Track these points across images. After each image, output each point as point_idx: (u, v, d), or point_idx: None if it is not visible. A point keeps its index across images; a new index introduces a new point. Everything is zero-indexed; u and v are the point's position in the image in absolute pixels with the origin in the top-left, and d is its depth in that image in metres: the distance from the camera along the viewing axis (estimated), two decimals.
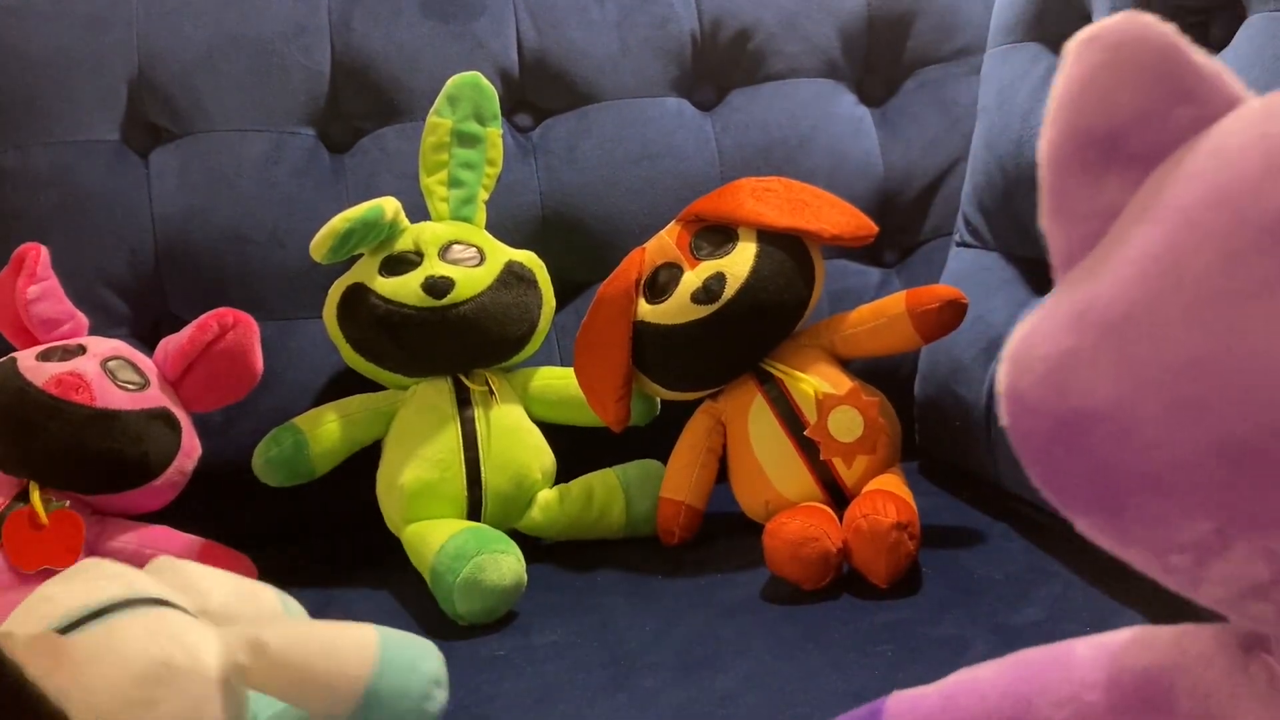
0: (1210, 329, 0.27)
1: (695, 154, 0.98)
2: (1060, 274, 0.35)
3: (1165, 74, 0.32)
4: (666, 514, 0.83)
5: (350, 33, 0.97)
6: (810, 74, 1.01)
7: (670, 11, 1.00)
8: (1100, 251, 0.32)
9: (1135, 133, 0.33)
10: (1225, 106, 0.32)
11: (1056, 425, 0.31)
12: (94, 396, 0.77)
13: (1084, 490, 0.31)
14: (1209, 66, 0.33)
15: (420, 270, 0.84)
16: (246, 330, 0.82)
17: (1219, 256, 0.28)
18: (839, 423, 0.78)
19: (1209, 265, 0.28)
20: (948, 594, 0.70)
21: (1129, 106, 0.33)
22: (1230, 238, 0.28)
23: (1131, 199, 0.33)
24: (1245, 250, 0.27)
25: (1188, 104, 0.32)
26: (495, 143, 0.89)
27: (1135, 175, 0.33)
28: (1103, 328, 0.30)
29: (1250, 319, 0.27)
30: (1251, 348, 0.27)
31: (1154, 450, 0.28)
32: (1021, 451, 0.33)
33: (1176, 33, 0.33)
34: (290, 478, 0.86)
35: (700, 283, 0.79)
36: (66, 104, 0.92)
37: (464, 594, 0.72)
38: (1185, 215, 0.29)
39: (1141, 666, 0.38)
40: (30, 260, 0.80)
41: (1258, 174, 0.28)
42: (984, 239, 0.92)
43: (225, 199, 0.93)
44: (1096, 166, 0.34)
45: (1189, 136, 0.32)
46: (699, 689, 0.62)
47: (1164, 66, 0.32)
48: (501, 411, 0.86)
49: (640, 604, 0.74)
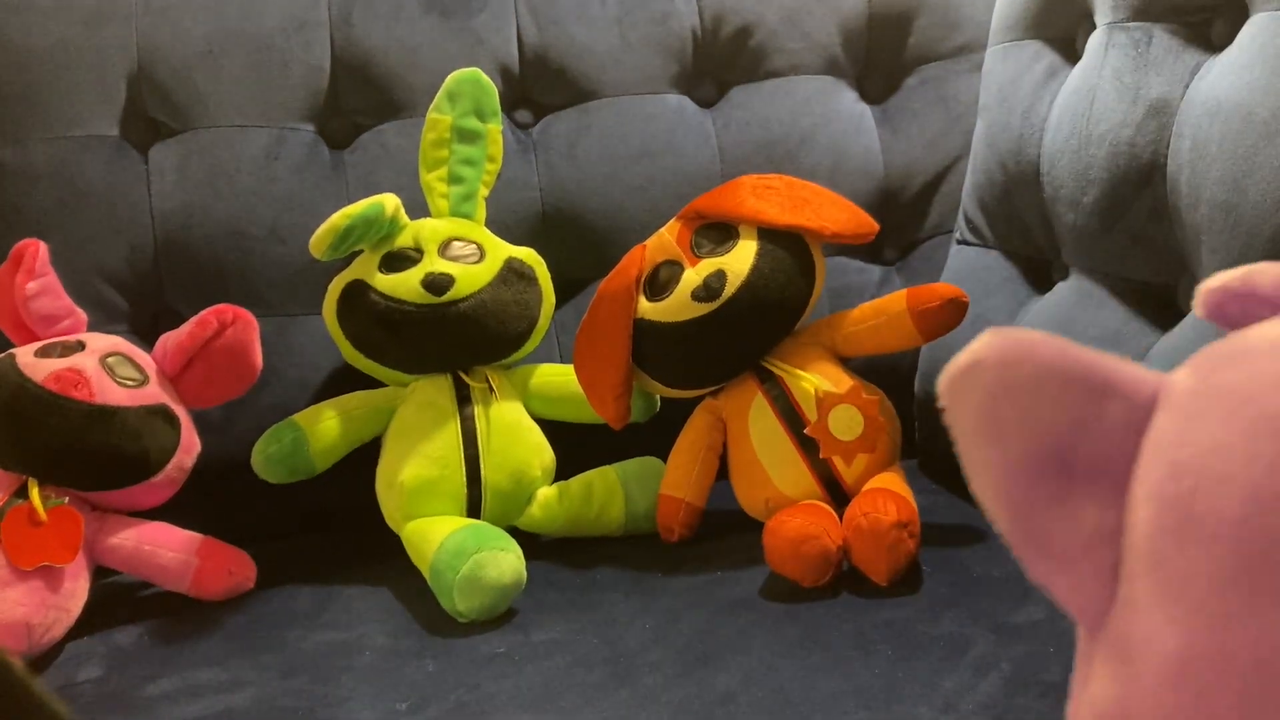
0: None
1: (696, 151, 0.98)
2: (1091, 629, 0.31)
3: (1075, 376, 0.30)
4: (666, 511, 0.83)
5: (350, 28, 0.96)
6: (811, 71, 1.01)
7: (671, 8, 1.00)
8: (1148, 587, 0.29)
9: (1079, 444, 0.30)
10: (1148, 392, 0.30)
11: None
12: (93, 393, 0.76)
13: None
14: (1105, 358, 0.30)
15: (420, 267, 0.84)
16: (246, 326, 0.81)
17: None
18: (839, 421, 0.78)
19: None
20: (948, 592, 0.70)
21: (1059, 420, 0.30)
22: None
23: (1134, 516, 0.30)
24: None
25: (1113, 398, 0.30)
26: (495, 139, 0.89)
27: (1104, 489, 0.30)
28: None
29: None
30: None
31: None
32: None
33: (1049, 335, 0.30)
34: (290, 474, 0.86)
35: (701, 280, 0.79)
36: (66, 99, 0.92)
37: (464, 591, 0.72)
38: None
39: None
40: (29, 256, 0.80)
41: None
42: (984, 237, 0.92)
43: (225, 195, 0.93)
44: (1059, 493, 0.30)
45: (1130, 435, 0.30)
46: (699, 686, 0.62)
47: (1069, 369, 0.30)
48: (501, 408, 0.86)
49: (640, 601, 0.74)
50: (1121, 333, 0.74)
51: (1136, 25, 0.74)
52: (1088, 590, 0.31)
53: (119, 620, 0.78)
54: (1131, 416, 0.30)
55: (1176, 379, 0.31)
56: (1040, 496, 0.30)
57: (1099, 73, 0.76)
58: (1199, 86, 0.68)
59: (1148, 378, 0.31)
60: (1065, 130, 0.79)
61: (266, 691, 0.67)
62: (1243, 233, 0.62)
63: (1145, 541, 0.29)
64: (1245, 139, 0.62)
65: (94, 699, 0.68)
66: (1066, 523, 0.30)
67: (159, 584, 0.81)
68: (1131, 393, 0.30)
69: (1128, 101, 0.73)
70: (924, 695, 0.58)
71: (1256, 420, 0.28)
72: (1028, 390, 0.30)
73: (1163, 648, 0.28)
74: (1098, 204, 0.75)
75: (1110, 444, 0.30)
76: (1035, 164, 0.82)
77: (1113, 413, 0.30)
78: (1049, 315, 0.81)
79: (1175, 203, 0.69)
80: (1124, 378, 0.30)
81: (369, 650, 0.71)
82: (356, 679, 0.67)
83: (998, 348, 0.30)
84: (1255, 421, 0.28)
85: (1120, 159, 0.73)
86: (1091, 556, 0.30)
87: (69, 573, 0.75)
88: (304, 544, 0.91)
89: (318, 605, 0.79)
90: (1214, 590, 0.27)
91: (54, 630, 0.74)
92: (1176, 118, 0.69)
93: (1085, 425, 0.30)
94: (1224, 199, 0.63)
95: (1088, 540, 0.30)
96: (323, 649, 0.72)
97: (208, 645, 0.74)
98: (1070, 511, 0.30)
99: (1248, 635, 0.27)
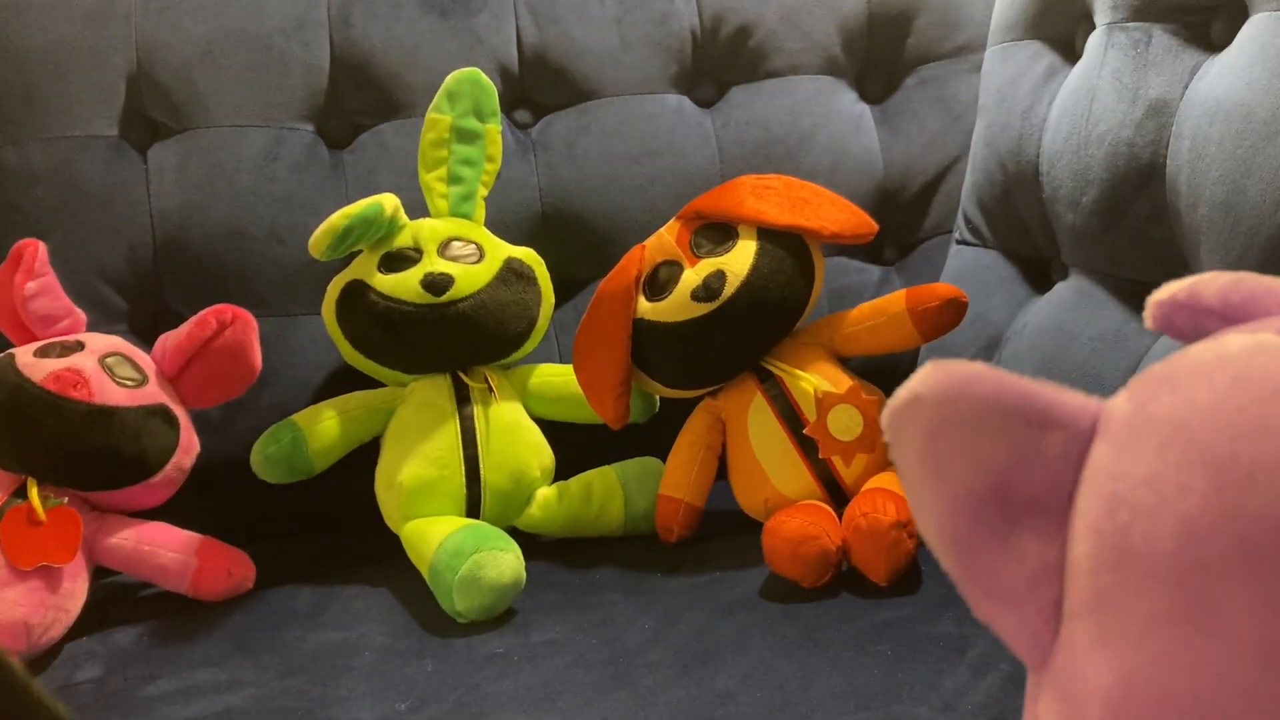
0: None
1: (695, 151, 0.98)
2: (1036, 667, 0.31)
3: (1014, 408, 0.29)
4: (665, 512, 0.83)
5: (350, 28, 0.96)
6: (811, 71, 1.01)
7: (670, 8, 1.00)
8: (1089, 625, 0.29)
9: (1019, 478, 0.30)
10: (1087, 422, 0.30)
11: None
12: (92, 393, 0.76)
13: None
14: (1044, 387, 0.30)
15: (419, 267, 0.84)
16: (245, 327, 0.81)
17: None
18: (838, 421, 0.78)
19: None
20: (947, 592, 0.69)
21: (1000, 454, 0.29)
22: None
23: (1074, 552, 0.29)
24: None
25: (1052, 429, 0.30)
26: (495, 139, 0.89)
27: (1045, 524, 0.30)
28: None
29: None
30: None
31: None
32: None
33: (988, 367, 0.30)
34: (289, 475, 0.86)
35: (700, 280, 0.79)
36: (65, 99, 0.92)
37: (463, 591, 0.72)
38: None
39: None
40: (28, 256, 0.80)
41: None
42: (984, 237, 0.92)
43: (224, 195, 0.93)
44: (1002, 529, 0.30)
45: (1069, 467, 0.30)
46: (698, 687, 0.62)
47: (1007, 401, 0.30)
48: (500, 409, 0.86)
49: (639, 602, 0.74)
50: (1121, 333, 0.74)
51: (1136, 25, 0.74)
52: (1032, 628, 0.30)
53: (118, 620, 0.78)
54: (1070, 447, 0.30)
55: (1114, 406, 0.30)
56: (983, 534, 0.30)
57: (1098, 73, 0.76)
58: (1198, 86, 0.68)
59: (1087, 406, 0.30)
60: (1064, 130, 0.79)
61: (266, 692, 0.67)
62: (1242, 233, 0.62)
63: (1085, 577, 0.29)
64: (1245, 139, 0.62)
65: (93, 699, 0.68)
66: (1009, 560, 0.30)
67: (158, 584, 0.81)
68: (1070, 422, 0.30)
69: (1127, 101, 0.73)
70: (923, 695, 0.58)
71: (1187, 449, 0.28)
72: (966, 425, 0.29)
73: (1103, 686, 0.28)
74: (1097, 204, 0.75)
75: (1050, 477, 0.30)
76: (1034, 164, 0.82)
77: (1052, 444, 0.30)
78: (1048, 315, 0.81)
79: (1174, 203, 0.69)
80: (1063, 408, 0.30)
81: (368, 650, 0.71)
82: (356, 679, 0.67)
83: (936, 382, 0.30)
84: (1186, 451, 0.28)
85: (1119, 159, 0.73)
86: (1035, 594, 0.30)
87: (68, 573, 0.75)
88: (303, 544, 0.91)
89: (317, 605, 0.79)
90: (1151, 627, 0.27)
91: (53, 630, 0.74)
92: (1176, 118, 0.69)
93: (1025, 459, 0.30)
94: (1223, 199, 0.63)
95: (1031, 577, 0.30)
96: (322, 649, 0.72)
97: (207, 645, 0.74)
98: (1013, 548, 0.30)
99: (1185, 672, 0.26)
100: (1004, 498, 0.30)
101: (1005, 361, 0.83)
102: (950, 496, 0.30)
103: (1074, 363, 0.75)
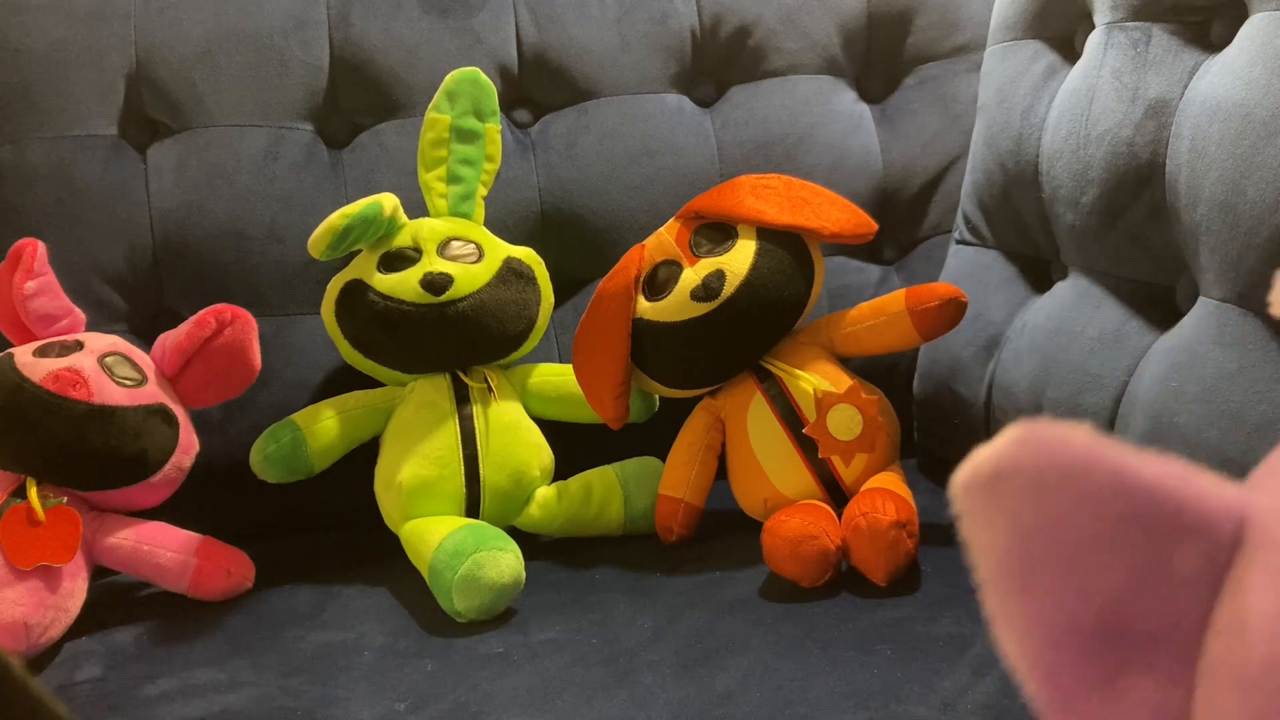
0: None
1: (695, 150, 0.98)
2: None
3: (1136, 511, 0.22)
4: (665, 511, 0.83)
5: (349, 28, 0.96)
6: (810, 71, 1.01)
7: (670, 7, 1.00)
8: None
9: (1137, 607, 0.23)
10: (1229, 526, 0.23)
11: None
12: (91, 393, 0.76)
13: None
14: (1171, 472, 0.23)
15: (419, 267, 0.84)
16: (244, 326, 0.81)
17: None
18: (838, 421, 0.78)
19: None
20: (947, 592, 0.70)
21: (1115, 574, 0.22)
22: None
23: (1209, 704, 0.23)
24: None
25: (1185, 540, 0.22)
26: (494, 139, 0.89)
27: (1167, 664, 0.23)
28: None
29: None
30: None
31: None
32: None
33: (1096, 437, 0.22)
34: (288, 474, 0.86)
35: (700, 280, 0.79)
36: (64, 98, 0.92)
37: (463, 591, 0.72)
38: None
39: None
40: (27, 255, 0.80)
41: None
42: (983, 236, 0.92)
43: (223, 194, 0.93)
44: (1110, 669, 0.23)
45: (1205, 591, 0.23)
46: (698, 686, 0.62)
47: (1127, 499, 0.22)
48: (500, 408, 0.86)
49: (639, 601, 0.74)
50: (1120, 332, 0.74)
51: (1135, 25, 0.74)
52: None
53: (117, 620, 0.78)
54: (1206, 565, 0.23)
55: (1266, 505, 0.23)
56: (1084, 673, 0.23)
57: (1098, 72, 0.76)
58: (1198, 86, 0.68)
59: (1229, 506, 0.23)
60: (1064, 130, 0.78)
61: (265, 691, 0.67)
62: (1241, 233, 0.62)
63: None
64: (1244, 139, 0.62)
65: (92, 699, 0.68)
66: (1116, 704, 0.23)
67: (157, 584, 0.81)
68: (1207, 528, 0.23)
69: (1126, 101, 0.73)
70: (923, 695, 0.58)
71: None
72: (1072, 531, 0.22)
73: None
74: (1096, 204, 0.75)
75: (1178, 604, 0.23)
76: (1034, 164, 0.82)
77: (1183, 561, 0.23)
78: (1048, 315, 0.81)
79: (1174, 202, 0.69)
80: (1198, 508, 0.23)
81: (368, 650, 0.71)
82: (355, 679, 0.67)
83: (1031, 460, 0.22)
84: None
85: (1119, 159, 0.73)
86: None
87: (67, 572, 0.75)
88: (303, 544, 0.91)
89: (316, 605, 0.79)
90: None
91: (52, 630, 0.74)
92: (1175, 118, 0.69)
93: (1147, 582, 0.23)
94: (1223, 199, 0.63)
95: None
96: (321, 649, 0.72)
97: (206, 645, 0.74)
98: (1123, 695, 0.23)
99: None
100: (1116, 629, 0.23)
101: (1005, 361, 0.83)
102: (1046, 624, 0.23)
103: (1074, 362, 0.76)
